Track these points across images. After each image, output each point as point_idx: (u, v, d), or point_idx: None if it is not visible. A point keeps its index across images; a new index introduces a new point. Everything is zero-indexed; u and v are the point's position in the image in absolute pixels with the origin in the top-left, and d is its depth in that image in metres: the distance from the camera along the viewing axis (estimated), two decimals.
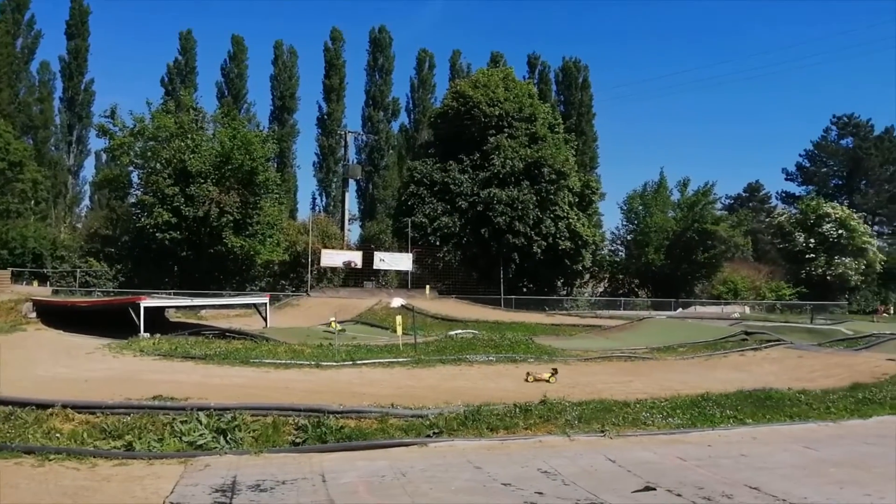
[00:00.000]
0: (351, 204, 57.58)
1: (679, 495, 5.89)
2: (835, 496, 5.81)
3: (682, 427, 8.74)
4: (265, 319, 22.59)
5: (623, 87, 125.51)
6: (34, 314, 21.05)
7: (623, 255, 51.24)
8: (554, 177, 39.87)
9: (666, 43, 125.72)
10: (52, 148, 55.62)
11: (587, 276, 46.79)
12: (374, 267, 39.89)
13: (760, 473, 6.62)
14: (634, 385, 11.57)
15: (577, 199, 42.29)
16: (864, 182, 64.27)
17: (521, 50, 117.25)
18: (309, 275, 38.09)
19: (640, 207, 49.26)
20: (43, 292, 30.10)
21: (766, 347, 16.61)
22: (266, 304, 23.46)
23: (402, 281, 42.17)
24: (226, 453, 7.08)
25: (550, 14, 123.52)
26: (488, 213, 39.27)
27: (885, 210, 63.64)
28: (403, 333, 16.22)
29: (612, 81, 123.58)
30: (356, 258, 40.59)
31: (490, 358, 14.21)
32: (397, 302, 28.04)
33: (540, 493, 5.80)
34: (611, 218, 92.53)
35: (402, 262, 39.93)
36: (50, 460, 6.60)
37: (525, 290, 41.50)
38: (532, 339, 18.68)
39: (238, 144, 35.84)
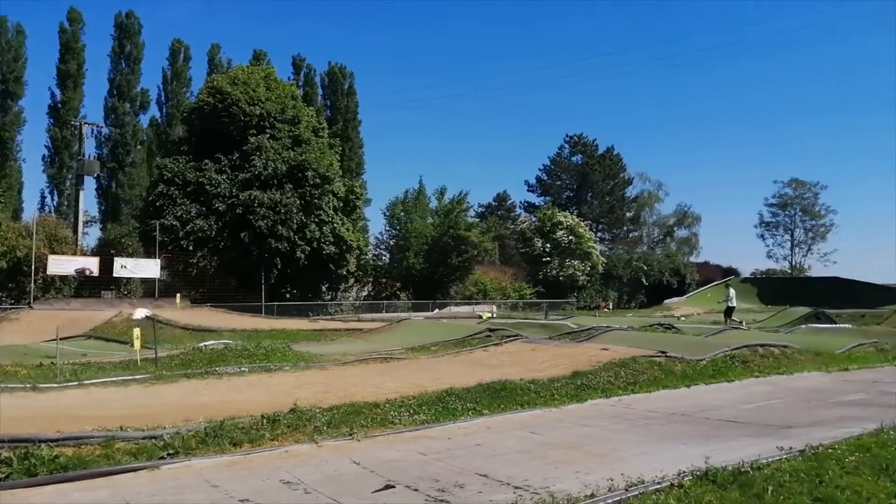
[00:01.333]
0: (89, 204, 51.31)
1: (416, 490, 6.17)
2: (551, 475, 6.52)
3: (426, 423, 9.18)
4: None
5: (386, 96, 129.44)
6: None
7: (387, 260, 52.75)
8: (318, 181, 39.54)
9: (418, 62, 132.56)
10: None
11: (352, 280, 47.29)
12: (115, 275, 35.79)
13: (491, 461, 7.20)
14: (387, 385, 11.90)
15: (341, 205, 42.45)
16: (589, 194, 73.83)
17: (286, 51, 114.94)
18: (32, 284, 32.94)
19: (402, 214, 51.20)
20: None
21: (505, 342, 18.20)
22: None
23: (148, 290, 38.48)
24: None
25: (316, 15, 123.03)
26: (248, 216, 37.61)
27: (606, 219, 73.83)
28: (144, 347, 14.79)
29: (376, 91, 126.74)
30: (92, 265, 36.05)
31: (242, 369, 13.58)
32: (141, 313, 25.54)
33: None
34: (376, 223, 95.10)
35: (148, 268, 36.43)
36: None
37: (289, 295, 40.59)
38: (290, 346, 18.29)
39: None
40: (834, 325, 30.37)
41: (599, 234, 69.86)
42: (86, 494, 6.02)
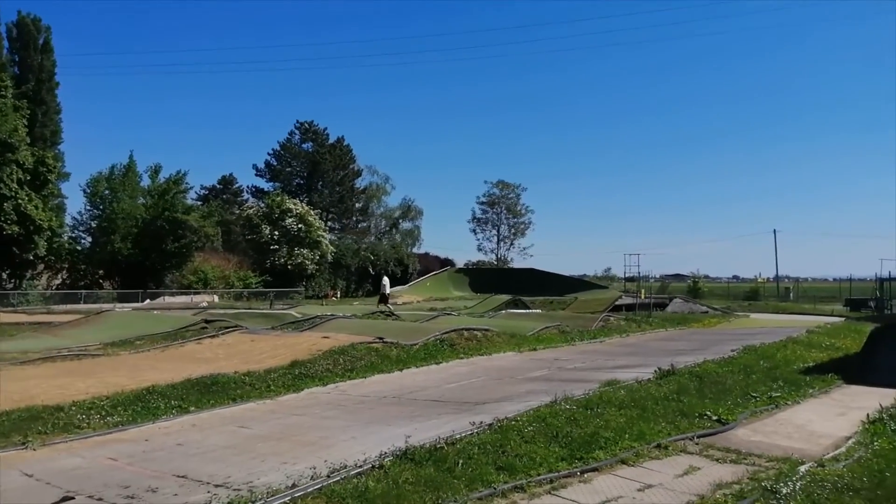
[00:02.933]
0: None
1: (100, 499, 5.55)
2: (256, 469, 6.35)
3: (121, 424, 8.34)
4: None
5: (93, 56, 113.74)
6: None
7: (88, 244, 46.41)
8: None
9: (132, 25, 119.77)
10: None
11: (41, 266, 40.71)
12: None
13: (192, 460, 6.79)
14: (76, 386, 10.53)
15: (29, 177, 36.18)
16: (320, 183, 73.83)
17: None
18: None
19: (107, 192, 45.41)
20: None
21: (223, 334, 17.36)
22: None
23: None
24: None
25: None
26: None
27: (336, 209, 74.54)
28: None
29: (82, 50, 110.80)
30: None
31: None
32: None
33: None
34: (75, 202, 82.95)
35: None
36: None
37: None
38: None
39: None
40: (528, 311, 34.80)
41: (329, 223, 70.32)
42: None
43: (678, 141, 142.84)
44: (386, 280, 33.80)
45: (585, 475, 6.15)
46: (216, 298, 39.65)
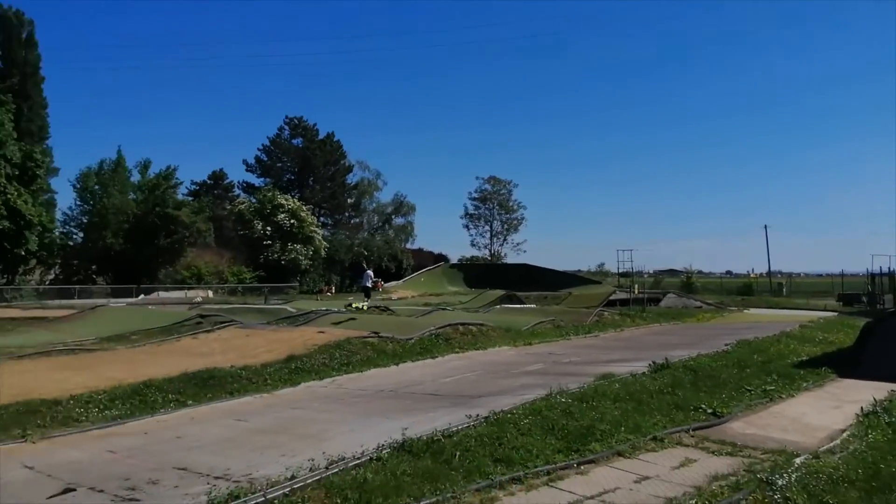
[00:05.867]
0: None
1: (101, 491, 5.59)
2: (255, 462, 6.40)
3: (119, 418, 8.37)
4: None
5: (79, 50, 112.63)
6: None
7: (80, 239, 46.17)
8: None
9: (118, 18, 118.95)
10: None
11: (34, 261, 40.47)
12: None
13: (191, 453, 6.82)
14: (73, 380, 10.51)
15: (17, 173, 35.95)
16: (311, 178, 73.55)
17: None
18: None
19: (97, 187, 45.13)
20: None
21: (218, 329, 17.34)
22: None
23: None
24: None
25: None
26: None
27: (328, 204, 74.31)
28: None
29: (68, 44, 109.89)
30: None
31: None
32: None
33: None
34: (65, 197, 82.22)
35: None
36: None
37: None
38: None
39: None
40: (522, 306, 34.86)
41: (322, 218, 70.05)
42: None
43: (672, 135, 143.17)
44: (369, 272, 33.68)
45: (582, 467, 6.22)
46: (210, 294, 39.53)
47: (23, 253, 36.97)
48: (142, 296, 36.35)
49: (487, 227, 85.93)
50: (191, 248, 46.37)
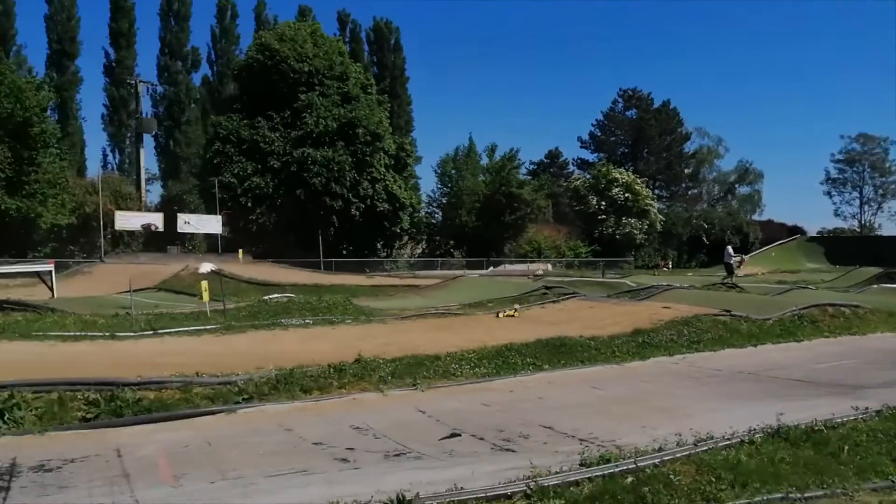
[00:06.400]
0: (149, 162, 52.50)
1: (482, 439, 6.29)
2: (616, 429, 6.53)
3: (487, 376, 9.29)
4: (51, 289, 20.19)
5: (434, 53, 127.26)
6: None
7: (440, 218, 52.83)
8: (369, 138, 39.65)
9: (462, 15, 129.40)
10: None
11: (406, 237, 47.64)
12: (179, 230, 37.06)
13: (554, 413, 7.26)
14: (447, 340, 12.01)
15: (392, 162, 42.54)
16: (645, 150, 71.76)
17: (331, 6, 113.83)
18: (102, 239, 34.41)
19: (453, 171, 50.88)
20: None
21: (563, 300, 18.11)
22: (51, 271, 21.10)
23: (211, 245, 39.74)
24: (3, 435, 6.28)
25: None
26: (303, 173, 38.12)
27: (663, 175, 71.79)
28: (212, 300, 15.34)
29: (424, 48, 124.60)
30: (156, 220, 37.46)
31: (307, 321, 13.96)
32: (206, 267, 26.35)
33: (351, 449, 5.86)
34: (427, 181, 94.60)
35: (210, 224, 37.55)
36: None
37: (345, 252, 41.21)
38: (351, 301, 18.66)
39: (5, 92, 31.01)
40: None
41: (657, 191, 67.99)
42: (169, 435, 6.36)
43: None
44: (729, 249, 31.78)
45: None
46: (549, 267, 41.53)
47: (398, 230, 43.72)
48: (491, 268, 39.95)
49: (856, 194, 73.39)
50: (531, 224, 49.38)
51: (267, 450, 5.85)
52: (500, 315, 15.60)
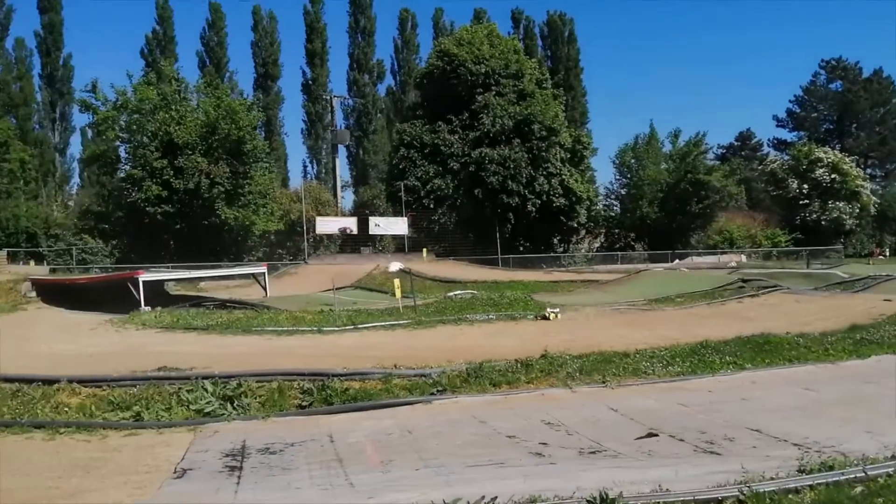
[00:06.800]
0: (342, 170, 57.18)
1: (682, 440, 6.00)
2: (835, 434, 5.90)
3: (682, 374, 8.85)
4: (265, 289, 22.65)
5: (609, 38, 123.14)
6: (34, 293, 20.97)
7: (618, 210, 51.22)
8: (544, 133, 39.59)
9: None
10: (36, 126, 54.79)
11: (583, 232, 46.88)
12: (370, 232, 39.86)
13: (760, 416, 6.72)
14: (633, 336, 11.66)
15: (568, 156, 42.10)
16: (854, 125, 63.91)
17: (505, 5, 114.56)
18: (305, 243, 38.08)
19: (632, 161, 48.96)
20: (40, 271, 30.08)
21: (763, 293, 16.71)
22: (265, 273, 23.62)
23: (398, 245, 42.19)
24: (234, 419, 7.17)
25: None
26: (481, 173, 39.08)
27: (876, 153, 63.44)
28: (403, 296, 16.28)
29: (598, 32, 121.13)
30: (351, 224, 40.56)
31: (490, 316, 14.30)
32: (395, 266, 28.06)
33: (544, 444, 5.90)
34: (603, 173, 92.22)
35: (397, 226, 39.88)
36: (60, 433, 6.66)
37: (522, 248, 41.58)
38: (531, 297, 18.78)
39: (223, 114, 35.40)
40: None
41: (869, 170, 60.23)
42: (374, 423, 6.86)
43: None
44: None
45: None
46: (744, 258, 38.55)
47: (575, 225, 43.15)
48: (676, 261, 37.96)
49: None
50: (722, 213, 46.21)
51: (463, 440, 6.08)
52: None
